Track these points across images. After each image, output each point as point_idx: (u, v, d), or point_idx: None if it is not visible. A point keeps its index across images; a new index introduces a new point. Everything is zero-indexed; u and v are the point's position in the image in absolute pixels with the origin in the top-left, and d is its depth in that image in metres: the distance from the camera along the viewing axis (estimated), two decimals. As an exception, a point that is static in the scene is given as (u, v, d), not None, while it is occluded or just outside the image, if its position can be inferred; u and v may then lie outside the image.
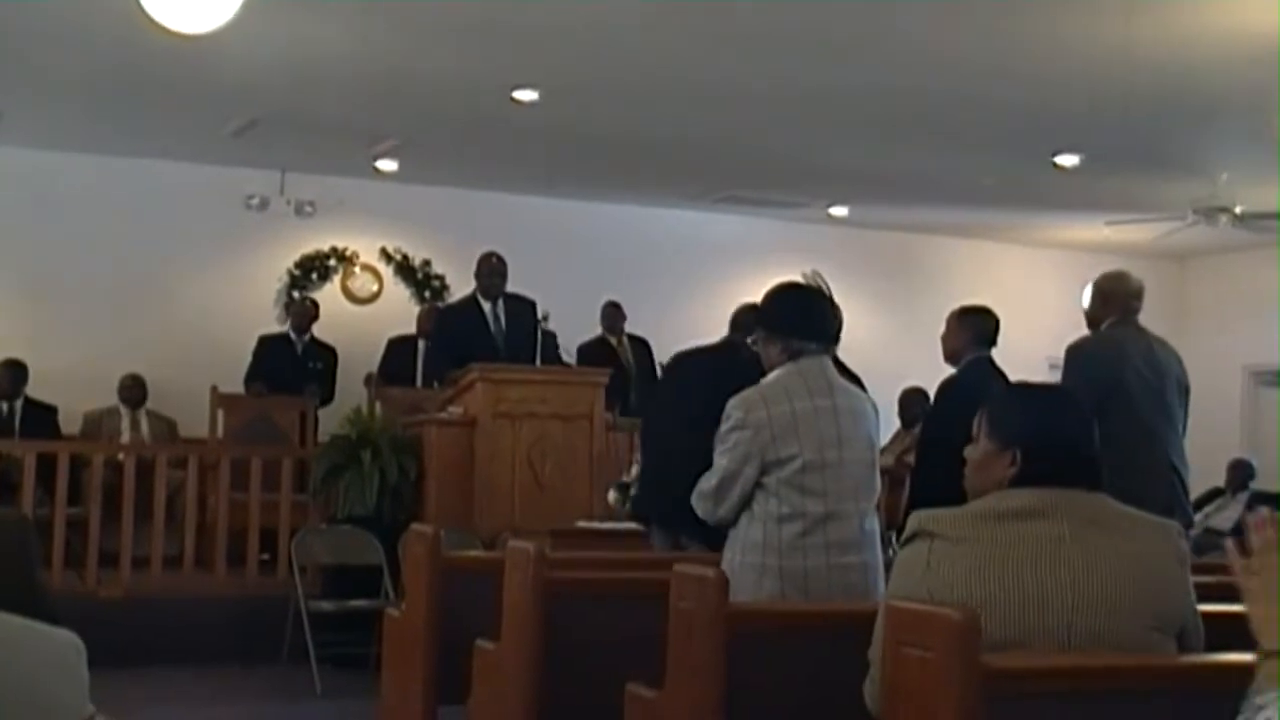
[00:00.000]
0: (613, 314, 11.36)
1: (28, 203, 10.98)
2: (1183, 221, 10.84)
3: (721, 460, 4.21)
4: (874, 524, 4.24)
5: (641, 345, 11.38)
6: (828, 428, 4.16)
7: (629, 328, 11.42)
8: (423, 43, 8.06)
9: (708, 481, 4.27)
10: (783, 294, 4.41)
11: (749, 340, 4.60)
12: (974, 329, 6.36)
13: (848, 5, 7.25)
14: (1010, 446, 2.92)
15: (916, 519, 2.92)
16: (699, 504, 4.34)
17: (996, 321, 6.40)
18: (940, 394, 6.38)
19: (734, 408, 4.23)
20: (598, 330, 11.31)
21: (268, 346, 10.83)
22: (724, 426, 4.25)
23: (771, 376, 4.29)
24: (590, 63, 8.39)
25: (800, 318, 4.31)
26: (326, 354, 11.03)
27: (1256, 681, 2.25)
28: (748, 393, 4.26)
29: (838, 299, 4.45)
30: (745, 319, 6.38)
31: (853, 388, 4.37)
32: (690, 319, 12.13)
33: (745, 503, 4.19)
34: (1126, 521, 2.91)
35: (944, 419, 6.09)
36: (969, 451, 3.02)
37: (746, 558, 4.15)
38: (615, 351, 11.08)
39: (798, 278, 4.46)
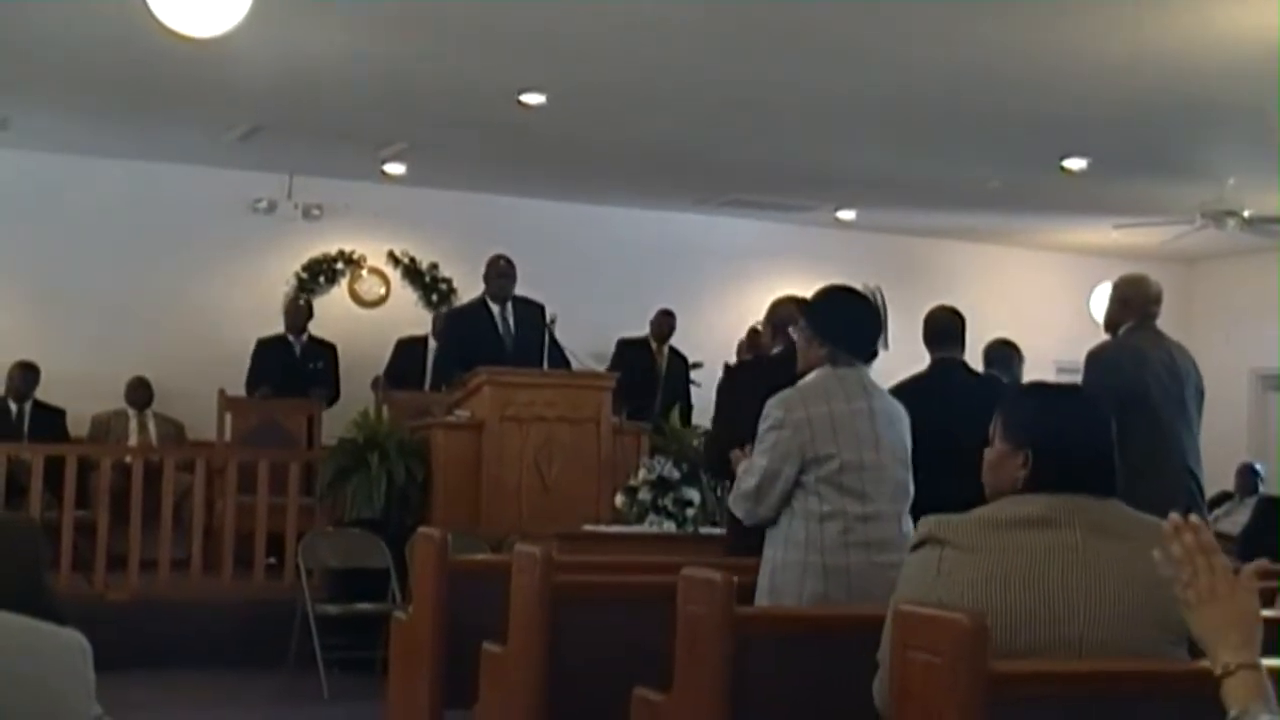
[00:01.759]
0: (661, 321, 11.55)
1: (35, 207, 11.00)
2: (1190, 225, 10.83)
3: (761, 460, 4.24)
4: (910, 525, 4.25)
5: (680, 359, 11.46)
6: (864, 429, 4.22)
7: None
8: (429, 46, 8.07)
9: (747, 482, 4.29)
10: (839, 300, 4.46)
11: (789, 329, 4.61)
12: (926, 331, 6.30)
13: (856, 10, 7.24)
14: (1022, 447, 2.91)
15: (926, 525, 2.91)
16: (738, 504, 4.36)
17: (948, 319, 6.28)
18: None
19: (773, 407, 4.27)
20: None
21: (266, 350, 10.81)
22: (763, 426, 4.28)
23: (810, 378, 4.33)
24: (596, 66, 8.40)
25: (849, 331, 4.37)
26: (326, 351, 11.01)
27: (1234, 703, 2.12)
28: (786, 393, 4.30)
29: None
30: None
31: (886, 392, 4.41)
32: (697, 322, 12.17)
33: (785, 502, 4.22)
34: (1139, 528, 2.88)
35: None
36: (987, 452, 3.01)
37: (789, 555, 4.19)
38: (652, 356, 11.18)
39: (858, 285, 4.50)
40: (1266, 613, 3.34)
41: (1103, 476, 2.91)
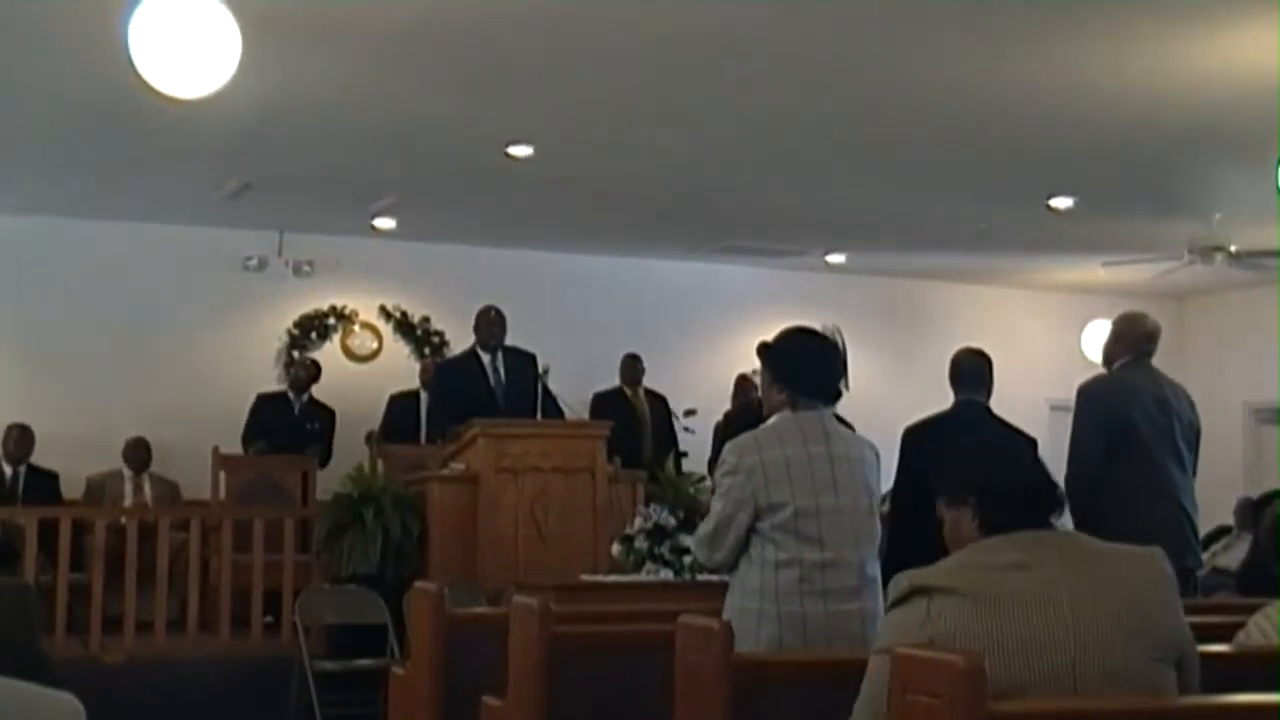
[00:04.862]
0: (631, 365, 11.50)
1: (25, 269, 11.02)
2: (1179, 261, 10.87)
3: (716, 505, 4.24)
4: (876, 569, 4.23)
5: (659, 400, 11.44)
6: (822, 474, 4.17)
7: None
8: (416, 101, 8.10)
9: (704, 527, 4.30)
10: (799, 343, 4.40)
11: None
12: (952, 372, 6.32)
13: (842, 54, 7.28)
14: (966, 501, 3.01)
15: (908, 580, 2.90)
16: (697, 550, 4.39)
17: (974, 362, 6.29)
18: (902, 440, 6.23)
19: (728, 453, 4.26)
20: (596, 383, 11.33)
21: (265, 405, 10.83)
22: (718, 472, 4.29)
23: (769, 423, 4.32)
24: (583, 117, 8.43)
25: (809, 374, 4.31)
26: (325, 415, 11.03)
27: None
28: (742, 438, 4.29)
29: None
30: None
31: (851, 434, 4.37)
32: (690, 369, 12.19)
33: (742, 548, 4.20)
34: (1110, 555, 2.94)
35: (904, 464, 6.03)
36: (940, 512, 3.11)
37: (745, 602, 4.17)
38: (630, 402, 11.14)
39: (817, 326, 4.45)
40: (1220, 648, 3.36)
41: (1045, 505, 2.99)
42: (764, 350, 4.43)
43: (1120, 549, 2.97)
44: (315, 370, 11.25)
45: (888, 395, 11.58)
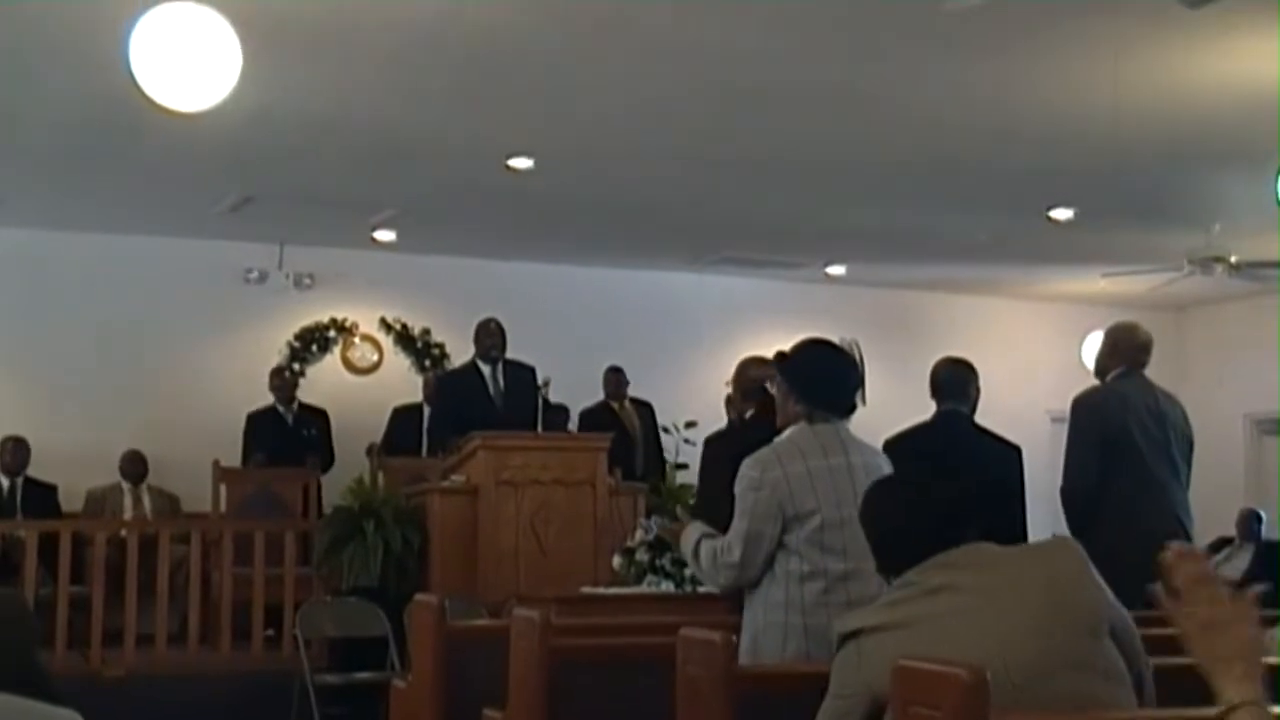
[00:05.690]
0: (615, 379, 11.37)
1: (26, 282, 11.02)
2: (1179, 272, 10.87)
3: (742, 523, 4.18)
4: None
5: (645, 408, 11.39)
6: (843, 484, 4.16)
7: (631, 391, 11.44)
8: (417, 114, 8.11)
9: (731, 553, 4.21)
10: (818, 355, 4.38)
11: (765, 385, 4.57)
12: (932, 382, 6.30)
13: (841, 68, 7.30)
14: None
15: (841, 626, 2.99)
16: (721, 574, 4.28)
17: (953, 371, 6.26)
18: (882, 452, 6.21)
19: (749, 468, 4.22)
20: (599, 396, 11.30)
21: (258, 423, 10.82)
22: (740, 488, 4.22)
23: (785, 435, 4.30)
24: (583, 129, 8.44)
25: (827, 387, 4.30)
26: (318, 418, 11.02)
27: None
28: (762, 452, 4.25)
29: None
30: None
31: (866, 444, 4.37)
32: (691, 382, 12.17)
33: (769, 564, 4.17)
34: (1019, 555, 3.01)
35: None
36: None
37: (770, 616, 4.14)
38: (618, 416, 11.08)
39: (835, 339, 4.43)
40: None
41: (955, 523, 3.02)
42: (781, 361, 4.41)
43: (1027, 546, 3.07)
44: (293, 377, 11.24)
45: (888, 407, 11.52)
